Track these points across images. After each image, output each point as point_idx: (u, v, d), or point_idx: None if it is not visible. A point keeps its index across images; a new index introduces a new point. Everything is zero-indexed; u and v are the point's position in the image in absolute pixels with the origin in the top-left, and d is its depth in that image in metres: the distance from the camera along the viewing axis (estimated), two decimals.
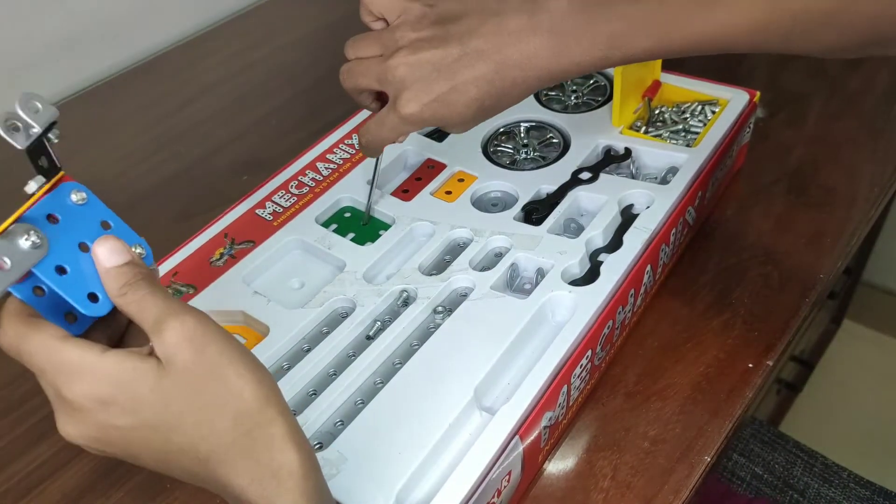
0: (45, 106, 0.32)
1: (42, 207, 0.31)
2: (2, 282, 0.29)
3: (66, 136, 0.88)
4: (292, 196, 0.57)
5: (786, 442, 0.78)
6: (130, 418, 0.31)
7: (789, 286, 0.55)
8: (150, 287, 0.31)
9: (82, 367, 0.30)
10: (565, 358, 0.43)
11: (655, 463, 0.46)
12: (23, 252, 0.29)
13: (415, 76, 0.45)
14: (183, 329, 0.30)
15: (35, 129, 0.31)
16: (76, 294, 0.31)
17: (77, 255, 0.31)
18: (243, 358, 0.32)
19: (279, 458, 0.31)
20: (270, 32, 0.96)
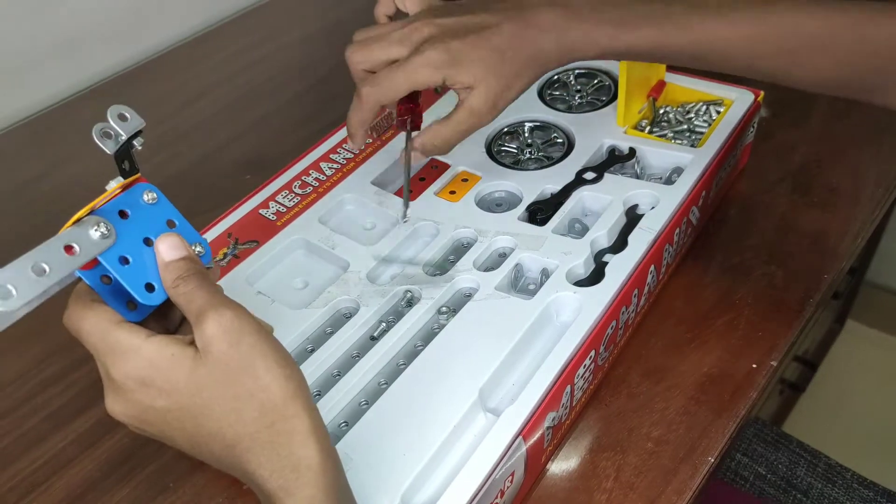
0: (133, 116, 0.36)
1: (116, 204, 0.35)
2: (70, 265, 0.32)
3: (69, 134, 0.88)
4: (296, 196, 0.57)
5: (789, 442, 0.78)
6: (166, 400, 0.33)
7: (793, 286, 0.55)
8: (200, 282, 0.34)
9: (128, 349, 0.32)
10: (569, 358, 0.43)
11: (659, 463, 0.46)
12: (92, 241, 0.32)
13: (441, 32, 0.46)
14: (220, 321, 0.32)
15: (122, 136, 0.36)
16: (135, 283, 0.33)
17: (141, 249, 0.34)
18: (275, 354, 0.33)
19: (299, 453, 0.32)
20: (273, 31, 0.96)
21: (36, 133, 0.84)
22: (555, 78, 0.67)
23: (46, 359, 0.57)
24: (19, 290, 0.30)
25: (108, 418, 0.53)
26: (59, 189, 0.75)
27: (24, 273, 0.31)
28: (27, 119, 0.86)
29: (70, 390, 0.55)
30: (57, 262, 0.31)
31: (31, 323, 0.61)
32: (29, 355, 0.58)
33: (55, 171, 0.78)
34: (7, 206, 0.74)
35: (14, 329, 0.62)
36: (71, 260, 0.32)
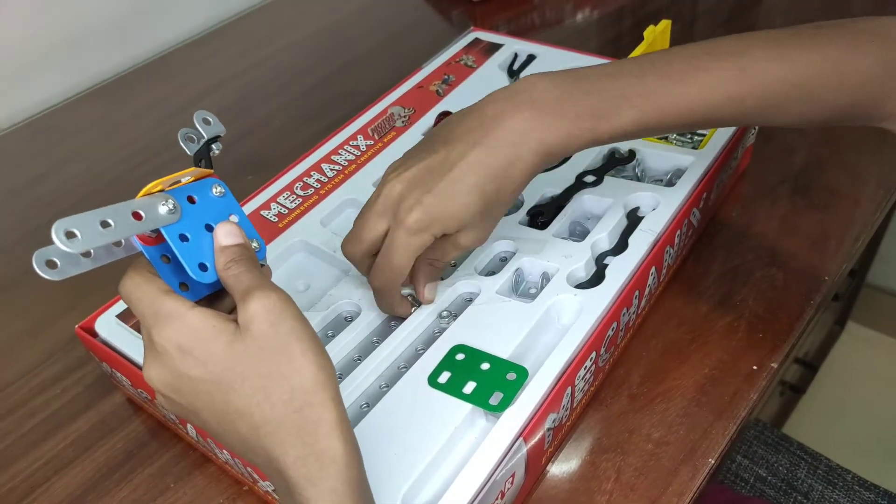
0: (215, 122, 0.40)
1: (186, 190, 0.37)
2: (134, 228, 0.34)
3: (72, 133, 0.88)
4: (297, 197, 0.57)
5: (789, 444, 0.78)
6: (201, 370, 0.33)
7: (794, 288, 0.55)
8: (250, 266, 0.36)
9: (172, 315, 0.34)
10: (570, 360, 0.43)
11: (659, 465, 0.46)
12: (158, 213, 0.35)
13: (410, 186, 0.43)
14: (264, 301, 0.33)
15: (203, 138, 0.39)
16: (190, 260, 0.36)
17: (200, 232, 0.37)
18: (311, 342, 0.34)
19: (324, 443, 0.33)
20: (276, 32, 0.96)
21: (38, 133, 0.84)
22: None
23: (46, 360, 0.57)
24: (83, 235, 0.32)
25: (107, 419, 0.53)
26: (61, 189, 0.75)
27: (91, 223, 0.33)
28: (29, 119, 0.86)
29: (69, 392, 0.55)
30: (123, 223, 0.34)
31: (27, 325, 0.62)
32: (29, 357, 0.58)
33: (57, 171, 0.78)
34: (9, 206, 0.74)
35: (14, 330, 0.63)
36: (136, 225, 0.34)
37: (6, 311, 0.63)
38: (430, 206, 0.42)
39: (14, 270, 0.66)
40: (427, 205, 0.42)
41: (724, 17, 0.89)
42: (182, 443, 0.50)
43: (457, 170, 0.42)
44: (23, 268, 0.66)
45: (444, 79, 0.68)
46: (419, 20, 0.96)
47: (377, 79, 0.80)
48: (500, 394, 0.42)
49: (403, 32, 0.93)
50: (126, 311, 0.50)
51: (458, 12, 0.95)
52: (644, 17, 0.90)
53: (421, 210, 0.42)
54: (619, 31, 0.89)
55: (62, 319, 0.60)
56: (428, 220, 0.42)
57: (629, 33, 0.88)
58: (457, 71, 0.69)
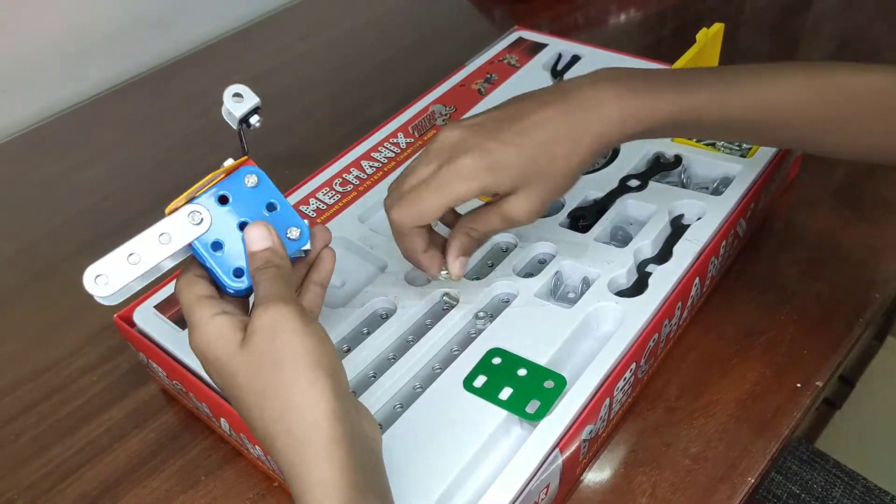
0: (248, 95, 0.38)
1: (218, 188, 0.37)
2: (161, 254, 0.35)
3: (115, 122, 0.89)
4: (336, 193, 0.57)
5: (825, 461, 0.76)
6: (215, 377, 0.35)
7: (842, 304, 0.53)
8: (272, 274, 0.36)
9: (195, 325, 0.35)
10: (609, 371, 0.42)
11: (696, 481, 0.45)
12: (187, 228, 0.35)
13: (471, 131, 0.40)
14: (263, 316, 0.33)
15: (235, 115, 0.38)
16: (224, 268, 0.36)
17: (235, 234, 0.37)
18: (307, 356, 0.33)
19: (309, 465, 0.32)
20: (319, 25, 0.96)
21: (81, 121, 0.85)
22: None
23: (82, 348, 0.58)
24: (112, 278, 0.34)
25: (141, 409, 0.54)
26: (102, 177, 0.76)
27: (118, 261, 0.34)
28: (75, 107, 0.87)
29: (104, 380, 0.55)
30: (150, 252, 0.35)
31: (65, 312, 0.63)
32: (66, 343, 0.58)
33: (98, 160, 0.79)
34: (51, 193, 0.75)
35: (52, 317, 0.64)
36: (164, 249, 0.35)
37: (45, 298, 0.63)
38: (489, 150, 0.39)
39: (54, 256, 0.67)
40: (487, 149, 0.39)
41: (771, 21, 0.87)
42: (214, 435, 0.51)
43: (526, 121, 0.40)
44: (62, 255, 0.67)
45: (486, 77, 0.67)
46: (461, 18, 0.95)
47: (418, 76, 0.80)
48: (537, 402, 0.41)
49: (445, 30, 0.92)
50: (164, 301, 0.50)
51: (501, 11, 0.94)
52: (688, 21, 0.88)
53: (478, 153, 0.39)
54: (662, 34, 0.87)
55: (100, 307, 0.60)
56: (483, 164, 0.39)
57: (673, 36, 0.86)
58: (499, 70, 0.68)
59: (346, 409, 0.33)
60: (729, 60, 0.79)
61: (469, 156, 0.39)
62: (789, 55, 0.80)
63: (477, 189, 0.40)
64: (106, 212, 0.71)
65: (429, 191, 0.40)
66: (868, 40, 0.80)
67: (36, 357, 0.58)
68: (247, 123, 0.38)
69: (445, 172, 0.40)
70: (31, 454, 0.51)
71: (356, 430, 0.33)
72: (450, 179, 0.39)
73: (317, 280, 0.41)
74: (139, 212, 0.71)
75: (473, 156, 0.39)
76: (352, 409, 0.34)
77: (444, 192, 0.40)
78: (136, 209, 0.71)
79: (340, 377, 0.34)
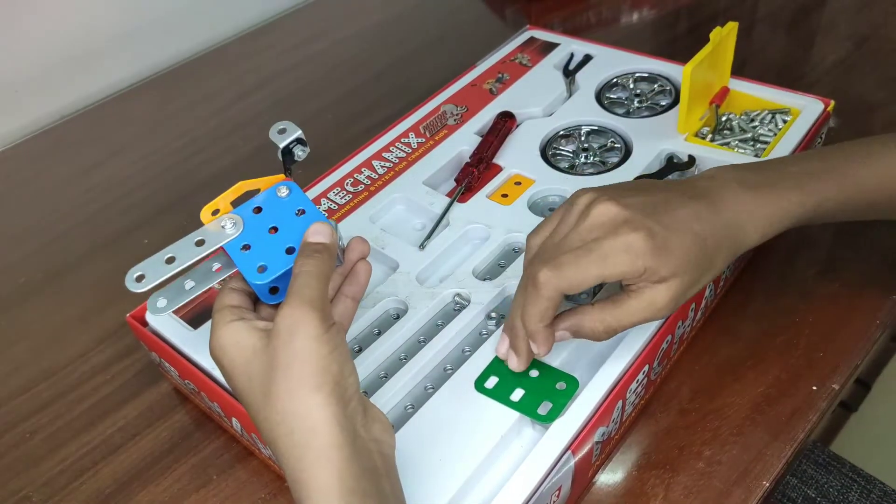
0: (291, 129, 0.42)
1: (254, 201, 0.41)
2: (196, 253, 0.39)
3: (128, 122, 0.90)
4: (348, 193, 0.57)
5: (841, 465, 0.75)
6: (227, 380, 0.36)
7: (858, 306, 0.53)
8: (316, 268, 0.36)
9: (213, 328, 0.36)
10: (622, 373, 0.42)
11: (710, 485, 0.44)
12: (219, 234, 0.40)
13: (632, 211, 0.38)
14: (284, 318, 0.34)
15: (279, 146, 0.42)
16: (249, 265, 0.39)
17: (263, 236, 0.40)
18: (318, 362, 0.33)
19: (309, 472, 0.32)
20: (329, 26, 0.97)
21: (96, 121, 0.86)
22: (614, 81, 0.65)
23: (95, 347, 0.58)
24: (149, 274, 0.38)
25: (154, 408, 0.54)
26: (116, 177, 0.76)
27: (156, 263, 0.39)
28: (89, 107, 0.88)
29: (118, 379, 0.56)
30: (186, 252, 0.39)
31: (80, 311, 0.63)
32: (79, 342, 0.59)
33: (113, 159, 0.79)
34: (66, 193, 0.76)
35: (66, 315, 0.64)
36: (199, 250, 0.39)
37: (59, 297, 0.64)
38: (656, 233, 0.37)
39: (68, 256, 0.68)
40: (653, 231, 0.37)
41: (787, 19, 0.86)
42: (226, 435, 0.51)
43: (681, 212, 0.38)
44: (76, 254, 0.68)
45: (498, 77, 0.67)
46: (472, 17, 0.95)
47: (429, 76, 0.80)
48: (549, 404, 0.41)
49: (456, 29, 0.92)
50: None
51: (513, 10, 0.94)
52: (702, 20, 0.87)
53: (647, 234, 0.37)
54: (675, 34, 0.87)
55: (113, 307, 0.61)
56: (651, 246, 0.37)
57: (686, 35, 0.86)
58: (511, 69, 0.68)
59: (350, 414, 0.33)
60: (743, 59, 0.78)
61: (639, 234, 0.37)
62: (804, 54, 0.80)
63: (641, 268, 0.37)
64: (120, 212, 0.72)
65: (589, 260, 0.37)
66: (885, 38, 0.79)
67: (50, 356, 0.58)
68: (290, 154, 0.42)
69: (612, 245, 0.37)
70: (46, 452, 0.51)
71: (360, 435, 0.33)
72: (616, 253, 0.37)
73: (349, 293, 0.41)
74: (154, 212, 0.71)
75: (643, 235, 0.37)
76: (357, 415, 0.34)
77: (606, 264, 0.37)
78: (150, 209, 0.71)
79: (347, 382, 0.34)
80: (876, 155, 0.44)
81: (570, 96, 0.64)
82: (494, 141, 0.59)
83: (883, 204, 0.44)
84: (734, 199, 0.40)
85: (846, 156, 0.44)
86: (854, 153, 0.44)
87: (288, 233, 0.40)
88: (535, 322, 0.39)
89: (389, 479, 0.34)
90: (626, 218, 0.38)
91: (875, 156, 0.44)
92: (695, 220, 0.39)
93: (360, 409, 0.34)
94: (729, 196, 0.40)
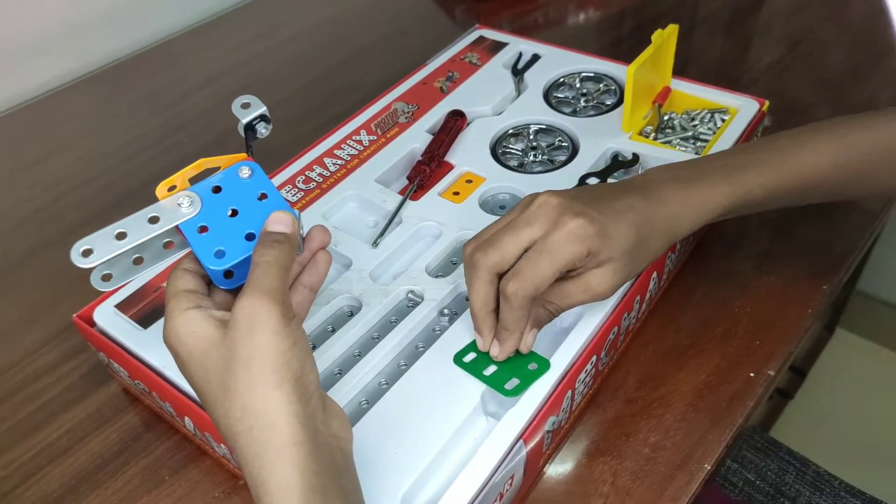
0: (255, 104, 0.41)
1: (212, 180, 0.39)
2: (149, 231, 0.37)
3: (72, 118, 0.87)
4: (299, 191, 0.57)
5: (778, 449, 0.79)
6: (182, 369, 0.35)
7: (791, 296, 0.55)
8: (275, 259, 0.35)
9: (168, 315, 0.35)
10: (571, 363, 0.43)
11: (655, 469, 0.46)
12: (175, 211, 0.37)
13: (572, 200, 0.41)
14: (247, 308, 0.33)
15: (241, 122, 0.40)
16: (205, 249, 0.37)
17: (223, 219, 0.38)
18: (277, 356, 0.33)
19: (269, 468, 0.32)
20: (278, 23, 0.96)
21: (38, 117, 0.83)
22: (561, 80, 0.67)
23: (42, 347, 0.57)
24: (97, 250, 0.36)
25: (103, 410, 0.53)
26: (61, 173, 0.74)
27: (105, 238, 0.36)
28: (30, 102, 0.85)
29: (65, 380, 0.55)
30: (138, 229, 0.37)
31: (24, 312, 0.62)
32: (24, 343, 0.57)
33: (57, 155, 0.77)
34: (8, 189, 0.73)
35: (10, 316, 0.63)
36: (152, 228, 0.37)
37: (3, 296, 0.62)
38: (595, 218, 0.40)
39: (12, 254, 0.66)
40: (593, 217, 0.40)
41: (725, 21, 0.89)
42: (178, 435, 0.50)
43: (619, 203, 0.42)
44: (21, 252, 0.66)
45: (448, 76, 0.68)
46: (422, 16, 0.95)
47: (380, 74, 0.80)
48: (517, 380, 0.42)
49: (406, 27, 0.92)
50: (125, 300, 0.50)
51: (462, 9, 0.95)
52: (645, 21, 0.90)
53: (588, 219, 0.40)
54: (620, 34, 0.89)
55: (59, 306, 0.60)
56: (593, 230, 0.40)
57: (631, 36, 0.88)
58: (461, 68, 0.69)
59: (311, 411, 0.33)
60: (685, 60, 0.81)
61: (581, 219, 0.40)
62: (741, 55, 0.83)
63: (585, 252, 0.40)
64: (65, 209, 0.70)
65: (543, 259, 0.40)
66: (817, 41, 0.83)
67: None
68: (253, 130, 0.40)
69: (557, 237, 0.40)
70: None
71: (320, 431, 0.33)
72: (563, 243, 0.40)
73: (307, 283, 0.41)
74: (99, 209, 0.69)
75: (585, 220, 0.40)
76: (318, 411, 0.34)
77: (557, 257, 0.40)
78: (95, 206, 0.70)
79: (308, 379, 0.34)
80: (807, 143, 0.47)
81: (518, 95, 0.65)
82: (446, 139, 0.60)
83: (812, 189, 0.47)
84: (668, 193, 0.44)
85: (775, 147, 0.47)
86: (784, 144, 0.47)
87: (248, 217, 0.38)
88: (513, 328, 0.42)
89: (349, 475, 0.35)
90: (566, 206, 0.41)
91: (805, 144, 0.47)
92: (630, 210, 0.42)
93: (320, 405, 0.34)
94: (662, 189, 0.44)
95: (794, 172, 0.46)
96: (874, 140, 0.47)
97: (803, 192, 0.47)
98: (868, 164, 0.47)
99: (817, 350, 1.34)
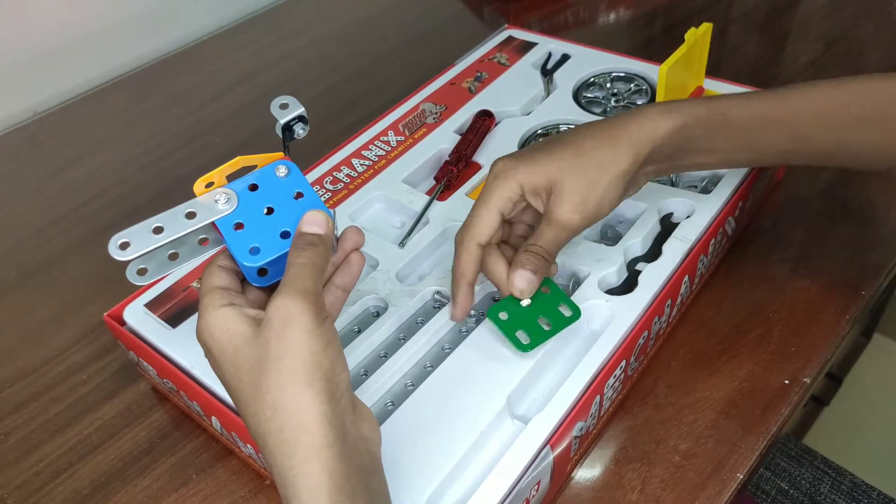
0: (293, 105, 0.41)
1: (249, 178, 0.39)
2: (186, 226, 0.37)
3: (104, 121, 0.89)
4: (327, 192, 0.57)
5: (813, 457, 0.77)
6: (214, 368, 0.35)
7: (829, 301, 0.54)
8: (310, 259, 0.35)
9: (201, 312, 0.35)
10: (600, 368, 0.43)
11: (686, 478, 0.45)
12: (212, 208, 0.38)
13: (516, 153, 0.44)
14: (282, 308, 0.33)
15: (280, 122, 0.41)
16: (241, 245, 0.37)
17: (259, 217, 0.38)
18: (309, 358, 0.32)
19: (299, 469, 0.31)
20: (307, 24, 0.96)
21: (70, 119, 0.85)
22: (591, 80, 0.66)
23: (73, 346, 0.58)
24: (134, 245, 0.36)
25: (132, 408, 0.53)
26: (91, 176, 0.76)
27: (143, 231, 0.36)
28: (61, 105, 0.87)
29: (95, 378, 0.55)
30: (175, 224, 0.37)
31: (55, 310, 0.63)
32: (55, 342, 0.58)
33: (88, 157, 0.78)
34: (40, 191, 0.75)
35: (41, 315, 0.64)
36: (189, 223, 0.37)
37: (34, 296, 0.63)
38: (521, 155, 0.42)
39: (43, 255, 0.67)
40: (518, 155, 0.42)
41: (760, 20, 0.87)
42: (205, 434, 0.51)
43: (569, 136, 0.43)
44: (52, 252, 0.67)
45: (476, 76, 0.67)
46: (451, 17, 0.95)
47: (408, 74, 0.80)
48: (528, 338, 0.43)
49: (435, 28, 0.92)
50: (154, 300, 0.50)
51: (491, 9, 0.94)
52: (677, 20, 0.88)
53: (512, 157, 0.42)
54: (652, 34, 0.88)
55: (90, 306, 0.60)
56: (517, 163, 0.42)
57: (663, 35, 0.87)
58: (490, 68, 0.68)
59: (340, 412, 0.33)
60: (718, 60, 0.79)
61: (505, 159, 0.43)
62: (777, 55, 0.81)
63: (515, 186, 0.42)
64: (94, 211, 0.71)
65: (477, 202, 0.43)
66: (854, 40, 0.81)
67: (25, 356, 0.57)
68: (290, 130, 0.41)
69: (488, 180, 0.43)
70: (22, 453, 0.51)
71: (350, 433, 0.33)
72: (491, 187, 0.42)
73: (340, 284, 0.41)
74: (129, 211, 0.70)
75: (508, 159, 0.42)
76: (347, 412, 0.34)
77: (489, 199, 0.42)
78: (126, 208, 0.71)
79: (339, 379, 0.34)
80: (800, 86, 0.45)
81: (547, 95, 0.65)
82: (474, 139, 0.59)
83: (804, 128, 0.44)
84: (636, 113, 0.44)
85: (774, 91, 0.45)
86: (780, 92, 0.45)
87: (284, 216, 0.38)
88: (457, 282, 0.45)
89: (377, 476, 0.34)
90: (502, 158, 0.43)
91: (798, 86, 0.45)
92: (581, 136, 0.43)
93: (349, 406, 0.34)
94: (632, 112, 0.44)
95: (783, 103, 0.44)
96: (882, 88, 0.44)
97: (793, 131, 0.44)
98: (873, 111, 0.44)
99: (854, 355, 1.30)
